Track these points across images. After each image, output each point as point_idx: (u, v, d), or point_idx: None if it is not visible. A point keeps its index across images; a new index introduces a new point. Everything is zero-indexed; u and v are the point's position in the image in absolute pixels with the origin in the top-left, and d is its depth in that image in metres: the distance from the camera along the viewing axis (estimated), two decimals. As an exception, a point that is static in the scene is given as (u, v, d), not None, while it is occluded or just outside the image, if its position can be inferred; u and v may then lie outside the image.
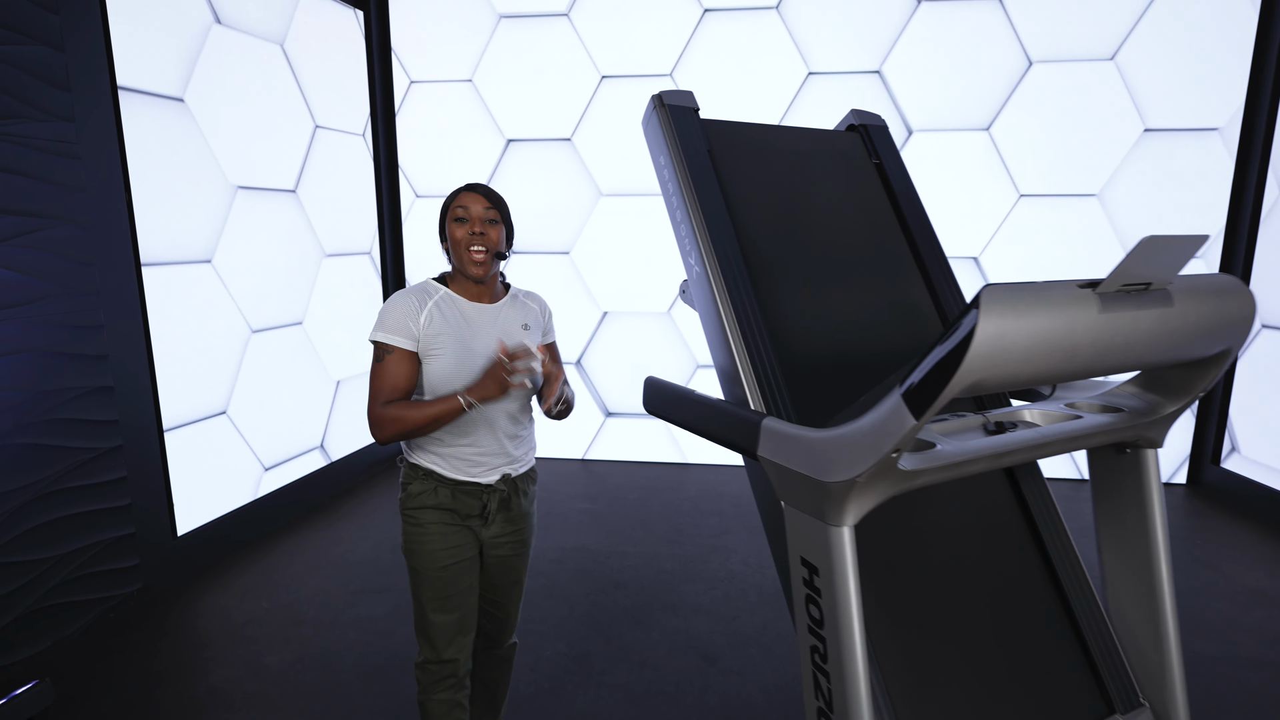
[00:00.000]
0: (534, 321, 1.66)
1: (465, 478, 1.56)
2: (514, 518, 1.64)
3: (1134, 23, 3.67)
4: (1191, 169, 3.73)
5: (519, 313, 1.64)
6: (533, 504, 1.70)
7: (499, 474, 1.59)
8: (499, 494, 1.59)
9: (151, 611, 2.60)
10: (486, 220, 1.54)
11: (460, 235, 1.53)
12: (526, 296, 1.70)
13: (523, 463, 1.65)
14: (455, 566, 1.56)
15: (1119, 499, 1.46)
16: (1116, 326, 1.00)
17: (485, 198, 1.56)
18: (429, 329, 1.51)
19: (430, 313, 1.52)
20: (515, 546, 1.66)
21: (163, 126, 2.72)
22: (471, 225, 1.53)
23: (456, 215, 1.54)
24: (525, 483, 1.67)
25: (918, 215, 1.77)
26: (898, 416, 0.94)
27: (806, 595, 1.11)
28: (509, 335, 1.58)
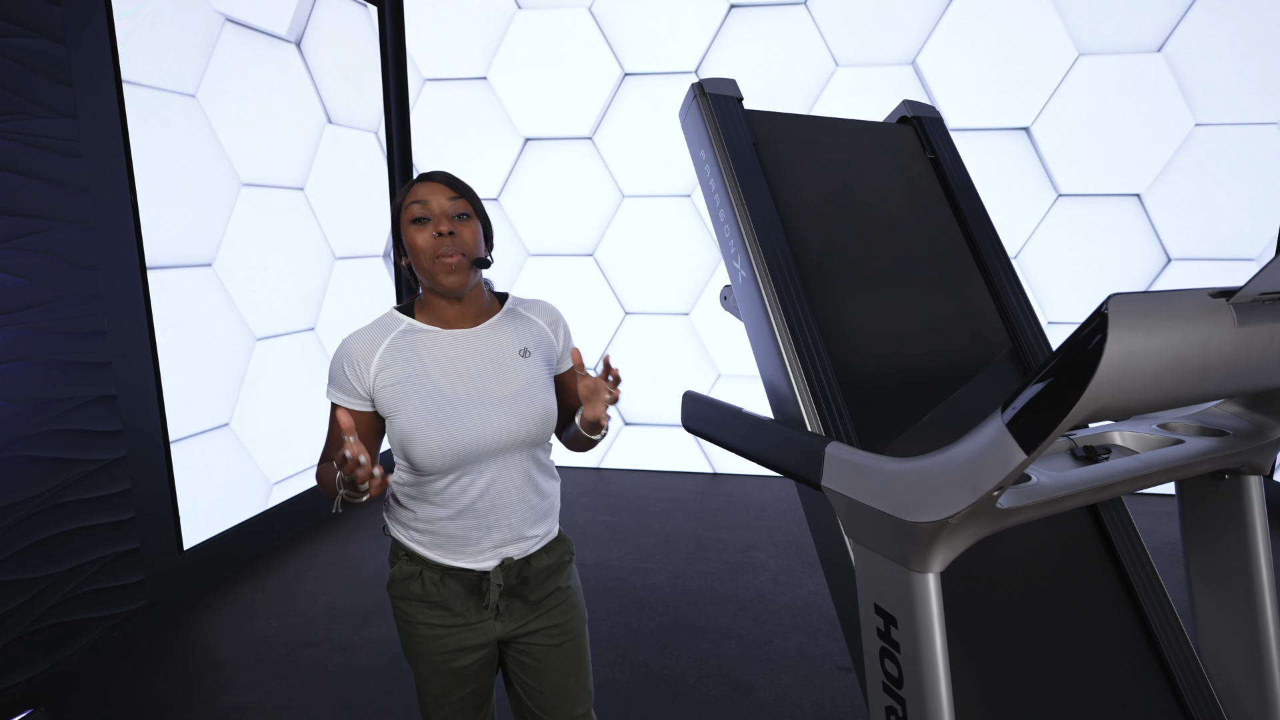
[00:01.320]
0: (537, 342, 1.25)
1: (453, 562, 1.19)
2: (538, 604, 1.25)
3: (1183, 11, 3.49)
4: (1245, 165, 3.55)
5: (515, 333, 1.23)
6: (570, 578, 1.31)
7: (497, 557, 1.20)
8: (501, 585, 1.19)
9: (157, 630, 2.50)
10: (454, 215, 1.14)
11: (422, 242, 1.12)
12: (529, 308, 1.29)
13: (536, 539, 1.24)
14: (458, 673, 1.22)
15: (1215, 530, 1.31)
16: (1253, 342, 0.86)
17: (449, 186, 1.16)
18: (383, 381, 1.14)
19: (385, 357, 1.15)
20: (550, 635, 1.25)
21: (169, 123, 2.62)
22: (436, 224, 1.12)
23: (413, 215, 1.13)
24: (545, 560, 1.25)
25: (977, 214, 1.62)
26: (1003, 450, 0.80)
27: (882, 649, 0.97)
28: (503, 367, 1.19)
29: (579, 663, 1.29)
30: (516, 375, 1.20)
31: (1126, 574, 1.33)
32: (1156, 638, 1.26)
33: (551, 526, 1.29)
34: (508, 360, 1.20)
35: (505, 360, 1.20)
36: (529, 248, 4.20)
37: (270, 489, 3.18)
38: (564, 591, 1.28)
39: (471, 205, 1.18)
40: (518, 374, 1.20)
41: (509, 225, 4.18)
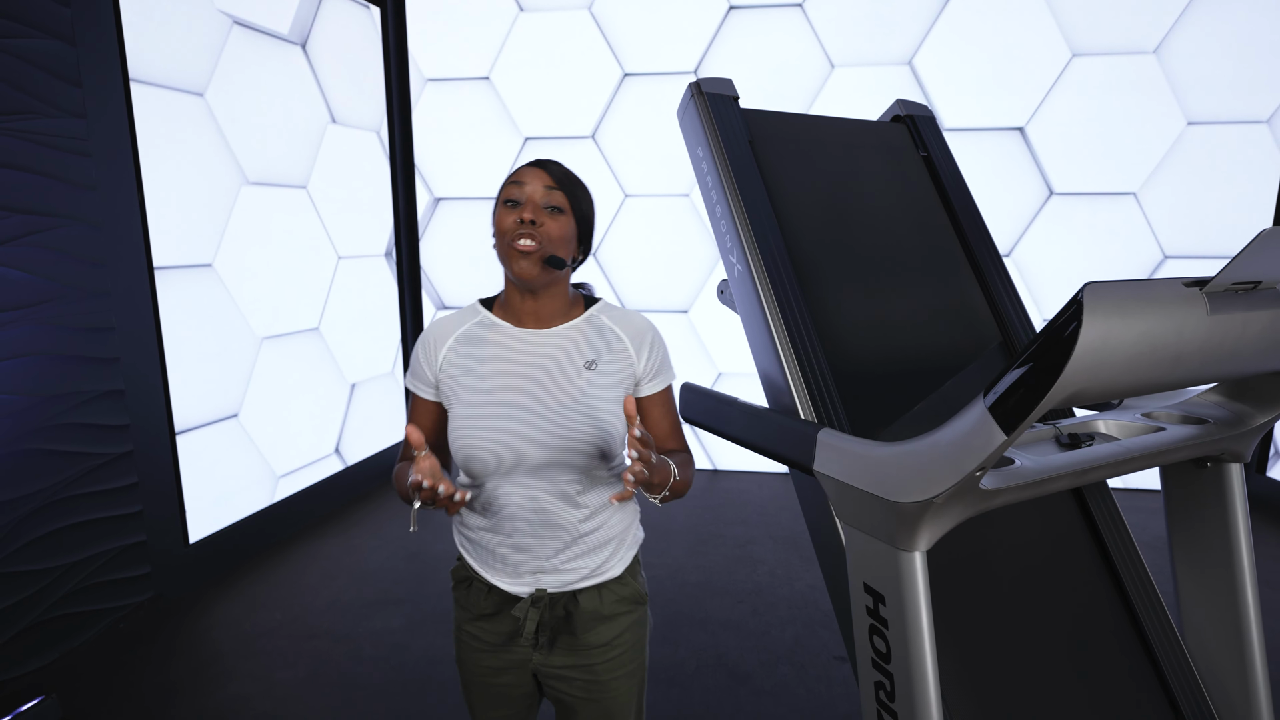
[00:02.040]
0: (612, 358, 1.12)
1: (491, 578, 1.14)
2: (578, 647, 1.14)
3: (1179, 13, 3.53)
4: (1237, 163, 3.59)
5: (588, 343, 1.12)
6: (622, 632, 1.16)
7: (530, 585, 1.12)
8: (537, 615, 1.10)
9: (163, 622, 2.53)
10: (547, 207, 1.07)
11: (506, 223, 1.06)
12: (616, 318, 1.16)
13: (580, 573, 1.13)
14: (494, 688, 1.18)
15: (1198, 517, 1.35)
16: (1225, 330, 0.89)
17: (549, 174, 1.08)
18: (447, 370, 1.11)
19: (454, 346, 1.12)
20: (587, 688, 1.15)
21: (175, 123, 2.65)
22: (523, 210, 1.06)
23: (508, 195, 1.08)
24: (595, 601, 1.14)
25: (969, 211, 1.66)
26: (983, 432, 0.83)
27: (871, 626, 1.00)
28: (559, 375, 1.10)
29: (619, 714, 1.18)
30: (572, 386, 1.09)
31: (1113, 560, 1.37)
32: (1141, 621, 1.29)
33: (606, 564, 1.15)
34: (568, 369, 1.10)
35: (566, 369, 1.10)
36: (530, 246, 4.23)
37: (276, 484, 3.22)
38: (614, 648, 1.15)
39: (569, 200, 1.09)
40: (574, 385, 1.10)
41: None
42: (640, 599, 1.21)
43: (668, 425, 1.21)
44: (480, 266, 4.28)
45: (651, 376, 1.17)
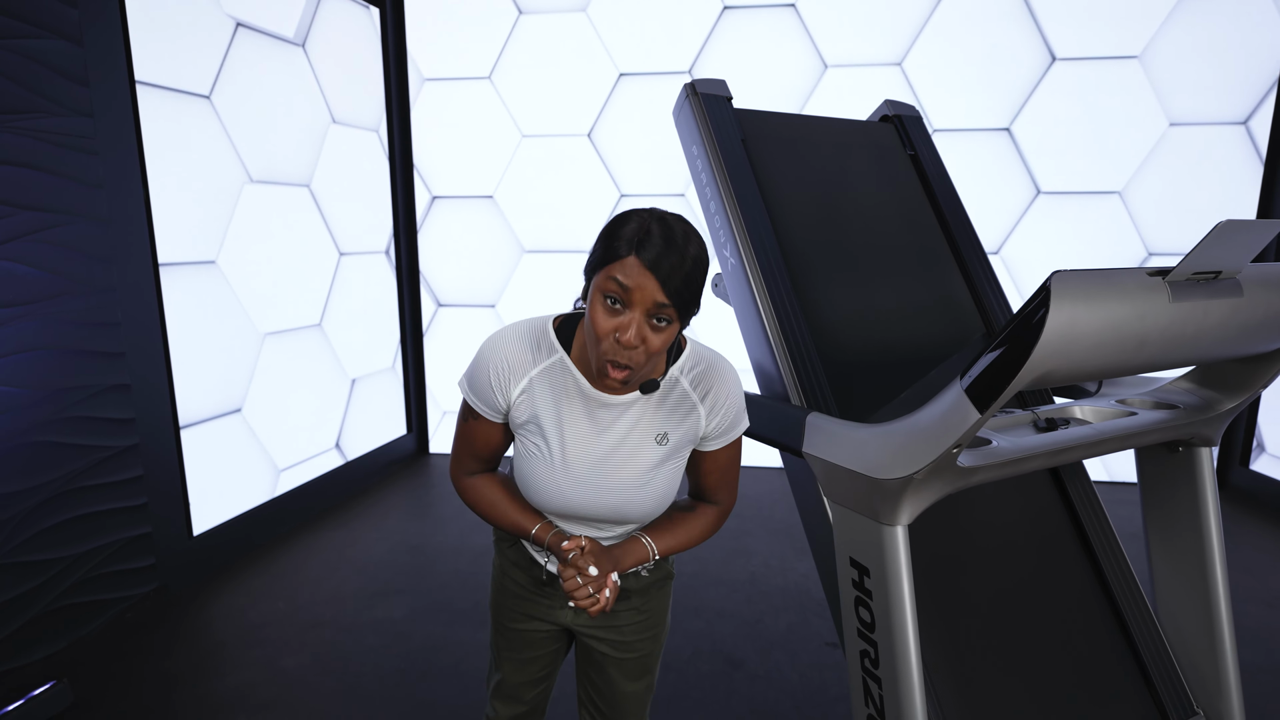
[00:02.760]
0: (682, 430, 1.09)
1: (540, 558, 1.22)
2: (613, 615, 1.23)
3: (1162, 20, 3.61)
4: (1217, 163, 3.66)
5: (663, 416, 1.08)
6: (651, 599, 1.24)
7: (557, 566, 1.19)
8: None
9: (168, 612, 2.58)
10: (653, 320, 0.94)
11: (604, 326, 0.94)
12: (695, 382, 1.08)
13: None
14: (526, 633, 1.27)
15: (1170, 499, 1.41)
16: (1186, 317, 0.96)
17: (665, 287, 0.92)
18: (521, 408, 1.07)
19: (528, 388, 1.06)
20: (614, 647, 1.24)
21: (180, 123, 2.70)
22: (627, 325, 0.93)
23: (609, 291, 0.93)
24: (632, 580, 1.21)
25: (955, 208, 1.72)
26: (960, 411, 0.89)
27: (856, 597, 1.06)
28: (634, 450, 1.07)
29: (639, 675, 1.28)
30: (641, 462, 1.07)
31: (1089, 540, 1.43)
32: (1115, 596, 1.36)
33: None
34: (642, 445, 1.07)
35: (640, 445, 1.07)
36: (524, 244, 4.28)
37: (277, 478, 3.26)
38: (642, 613, 1.23)
39: (677, 309, 0.94)
40: (643, 460, 1.08)
41: (505, 222, 4.27)
42: (670, 575, 1.29)
43: (715, 476, 1.16)
44: (476, 266, 4.33)
45: (717, 436, 1.11)
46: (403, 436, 4.33)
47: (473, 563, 2.97)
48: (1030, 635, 1.28)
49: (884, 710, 1.04)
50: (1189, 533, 1.39)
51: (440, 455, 4.50)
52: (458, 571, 2.89)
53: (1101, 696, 1.29)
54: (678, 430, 1.08)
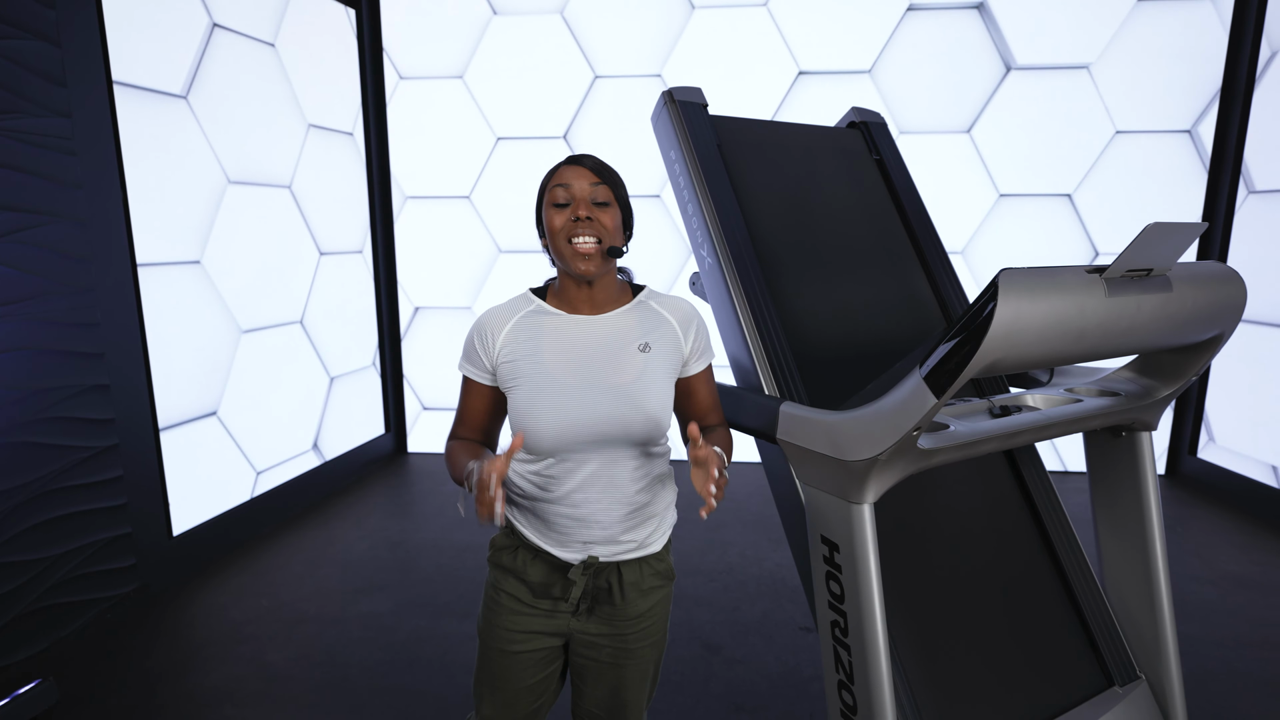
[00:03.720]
0: (662, 340, 1.20)
1: (544, 545, 1.20)
2: (615, 617, 1.22)
3: (1112, 34, 3.78)
4: (1163, 169, 3.85)
5: (640, 326, 1.20)
6: (654, 604, 1.25)
7: (584, 552, 1.19)
8: (585, 581, 1.19)
9: (149, 611, 2.58)
10: (595, 202, 1.15)
11: (560, 222, 1.14)
12: (663, 303, 1.24)
13: (630, 545, 1.21)
14: (521, 656, 1.23)
15: (1115, 481, 1.52)
16: (1121, 310, 1.05)
17: (593, 171, 1.16)
18: (505, 354, 1.17)
19: (510, 334, 1.18)
20: (615, 655, 1.24)
21: (158, 123, 2.70)
22: (575, 208, 1.13)
23: (556, 198, 1.15)
24: (637, 574, 1.22)
25: (918, 210, 1.82)
26: (919, 396, 0.98)
27: (827, 572, 1.15)
28: (617, 357, 1.17)
29: (639, 685, 1.28)
30: (630, 367, 1.17)
31: (1042, 521, 1.53)
32: (1065, 569, 1.46)
33: (650, 540, 1.24)
34: (625, 351, 1.18)
35: (622, 351, 1.17)
36: (500, 245, 4.32)
37: (256, 478, 3.27)
38: (646, 619, 1.24)
39: (613, 192, 1.17)
40: (631, 366, 1.17)
41: (481, 222, 4.30)
42: (671, 575, 1.30)
43: (711, 401, 1.29)
44: (451, 266, 4.35)
45: (697, 356, 1.25)
46: (381, 436, 4.35)
47: (455, 558, 3.01)
48: (988, 607, 1.38)
49: (853, 675, 1.12)
50: (1132, 511, 1.50)
51: (418, 455, 4.52)
52: (441, 566, 2.94)
53: (1053, 662, 1.39)
54: (656, 339, 1.20)
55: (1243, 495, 3.61)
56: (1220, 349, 1.28)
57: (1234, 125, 3.70)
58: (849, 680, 1.13)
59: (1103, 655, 1.44)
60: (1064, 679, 1.38)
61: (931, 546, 1.40)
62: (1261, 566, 2.96)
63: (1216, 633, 2.46)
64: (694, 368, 1.25)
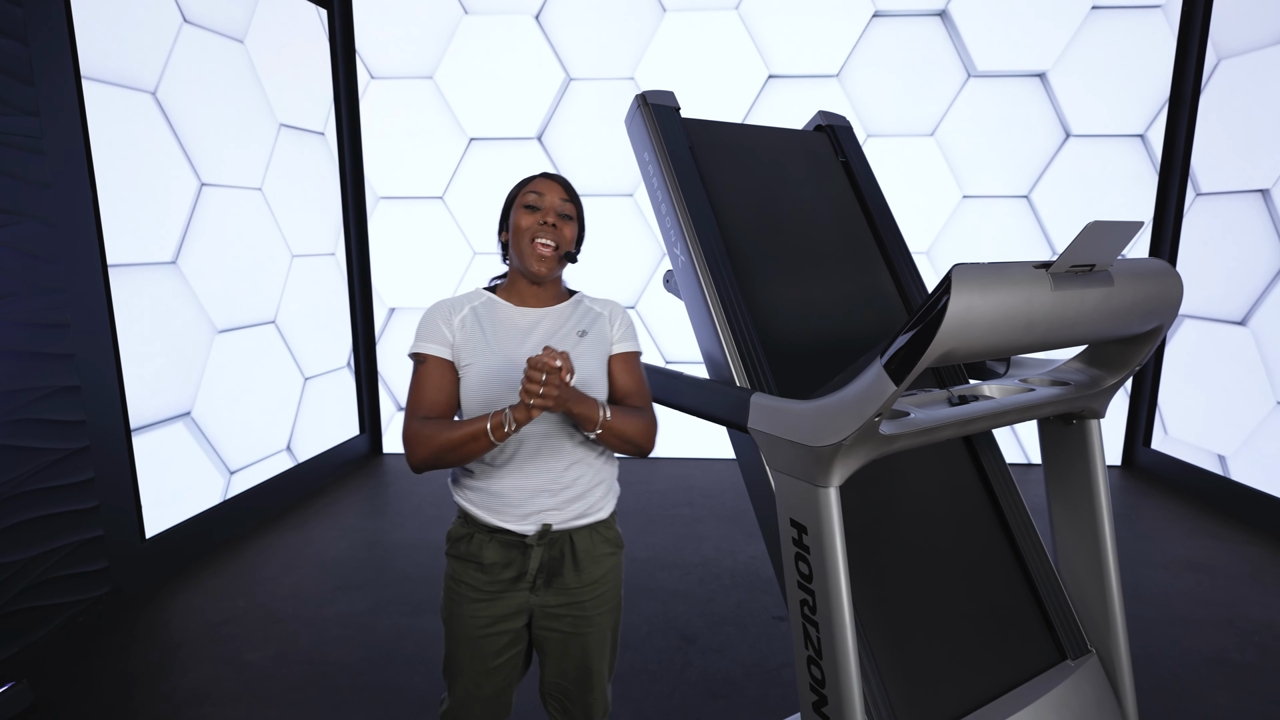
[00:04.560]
0: (596, 329, 1.36)
1: (499, 521, 1.28)
2: (571, 587, 1.31)
3: (1066, 42, 3.92)
4: (1116, 172, 4.01)
5: (577, 318, 1.36)
6: (607, 571, 1.35)
7: (537, 522, 1.28)
8: (540, 552, 1.28)
9: (123, 614, 2.56)
10: (561, 214, 1.32)
11: (527, 223, 1.29)
12: (595, 303, 1.42)
13: (578, 510, 1.31)
14: (486, 640, 1.31)
15: (1067, 466, 1.61)
16: (1066, 303, 1.13)
17: (563, 189, 1.34)
18: (462, 335, 1.29)
19: (465, 318, 1.31)
20: (575, 623, 1.32)
21: (129, 124, 2.68)
22: (544, 214, 1.30)
23: (528, 201, 1.31)
24: (588, 541, 1.32)
25: (882, 210, 1.89)
26: (880, 384, 1.04)
27: (796, 553, 1.21)
28: (559, 342, 1.32)
29: (599, 652, 1.36)
30: (569, 348, 1.31)
31: (999, 505, 1.61)
32: (1021, 551, 1.54)
33: (597, 506, 1.34)
34: (565, 337, 1.32)
35: (563, 337, 1.32)
36: (475, 246, 4.34)
37: (230, 479, 3.25)
38: (601, 585, 1.34)
39: (577, 211, 1.36)
40: (570, 349, 1.31)
41: (455, 223, 4.32)
42: (620, 543, 1.40)
43: (631, 382, 1.38)
44: (425, 267, 4.36)
45: (620, 340, 1.39)
46: (356, 437, 4.33)
47: (432, 557, 3.03)
48: (949, 586, 1.45)
49: (821, 651, 1.18)
50: (1083, 494, 1.59)
51: (393, 455, 4.51)
52: (418, 565, 2.95)
53: (1010, 637, 1.47)
54: (592, 328, 1.36)
55: (1192, 484, 3.78)
56: (1159, 340, 1.36)
57: (1182, 130, 3.87)
58: (817, 655, 1.19)
59: (1056, 630, 1.52)
60: (1020, 653, 1.46)
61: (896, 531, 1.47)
62: (1208, 550, 3.11)
63: (1166, 613, 2.58)
64: (617, 349, 1.39)
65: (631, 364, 1.40)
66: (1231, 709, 2.05)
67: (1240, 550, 3.11)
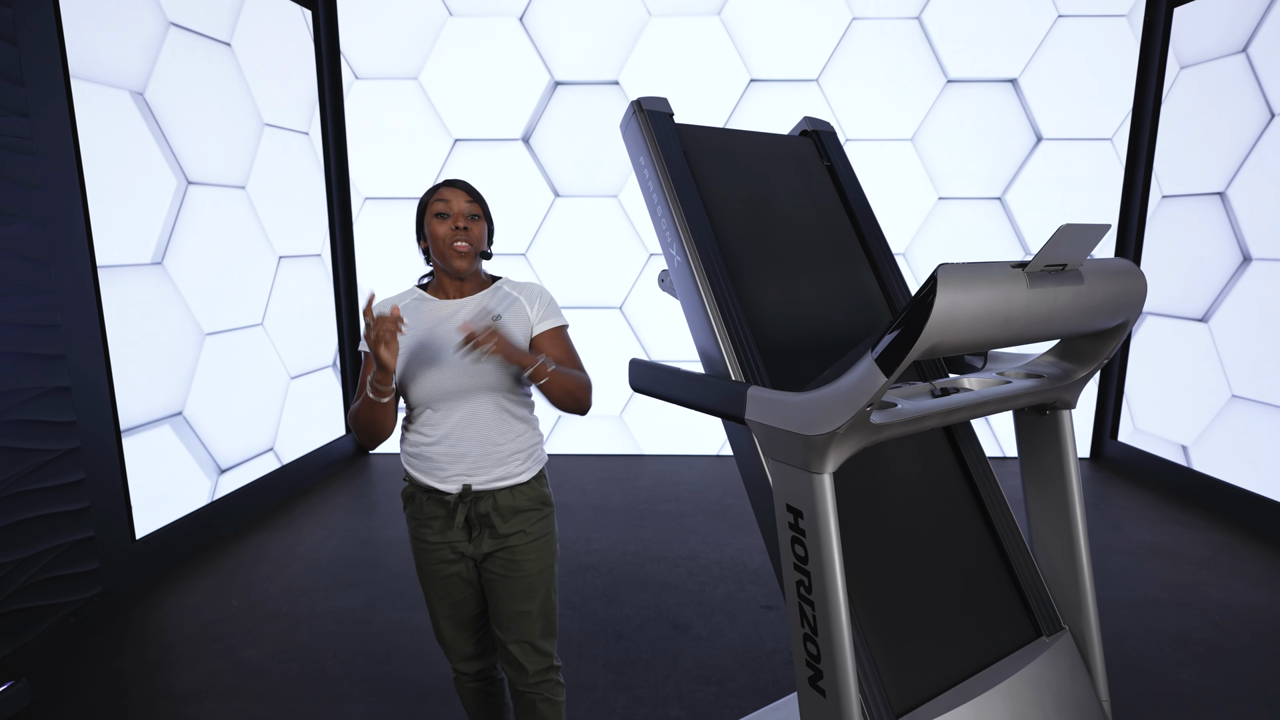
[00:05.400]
0: (514, 313, 1.51)
1: (430, 481, 1.47)
2: (504, 538, 1.49)
3: (1035, 49, 4.06)
4: (1085, 174, 4.16)
5: (493, 303, 1.52)
6: (534, 523, 1.51)
7: (458, 484, 1.46)
8: (465, 509, 1.46)
9: (115, 615, 2.56)
10: (469, 215, 1.48)
11: (442, 232, 1.46)
12: (515, 287, 1.57)
13: (499, 474, 1.48)
14: (445, 581, 1.52)
15: (1041, 454, 1.71)
16: (1040, 300, 1.22)
17: (466, 193, 1.50)
18: None
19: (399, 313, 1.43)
20: (506, 567, 1.49)
21: (117, 126, 2.68)
22: (454, 220, 1.46)
23: (437, 211, 1.47)
24: (511, 499, 1.49)
25: (866, 214, 1.98)
26: (871, 376, 1.12)
27: (792, 537, 1.28)
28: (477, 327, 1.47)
29: (529, 596, 1.51)
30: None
31: (978, 491, 1.70)
32: (998, 535, 1.63)
33: (517, 471, 1.50)
34: (480, 320, 1.47)
35: (479, 320, 1.47)
36: (464, 245, 4.37)
37: (218, 479, 3.25)
38: (526, 535, 1.50)
39: (482, 209, 1.51)
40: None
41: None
42: (546, 500, 1.55)
43: (561, 353, 1.54)
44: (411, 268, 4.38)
45: (543, 318, 1.54)
46: (342, 438, 4.34)
47: (424, 553, 3.06)
48: (931, 567, 1.53)
49: (816, 628, 1.26)
50: (1056, 480, 1.68)
51: (380, 456, 4.52)
52: (411, 562, 2.98)
53: (989, 616, 1.56)
54: (507, 311, 1.51)
55: (1157, 473, 3.94)
56: (1126, 334, 1.46)
57: (1145, 134, 4.03)
58: (813, 633, 1.26)
59: (1032, 609, 1.61)
60: (999, 630, 1.55)
61: (883, 517, 1.55)
62: (1171, 536, 3.25)
63: (1132, 595, 2.71)
64: (541, 327, 1.53)
65: (559, 336, 1.55)
66: (1195, 684, 2.17)
67: (1201, 536, 3.26)
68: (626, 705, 2.06)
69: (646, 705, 2.06)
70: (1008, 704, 1.46)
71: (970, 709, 1.41)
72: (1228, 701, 2.09)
